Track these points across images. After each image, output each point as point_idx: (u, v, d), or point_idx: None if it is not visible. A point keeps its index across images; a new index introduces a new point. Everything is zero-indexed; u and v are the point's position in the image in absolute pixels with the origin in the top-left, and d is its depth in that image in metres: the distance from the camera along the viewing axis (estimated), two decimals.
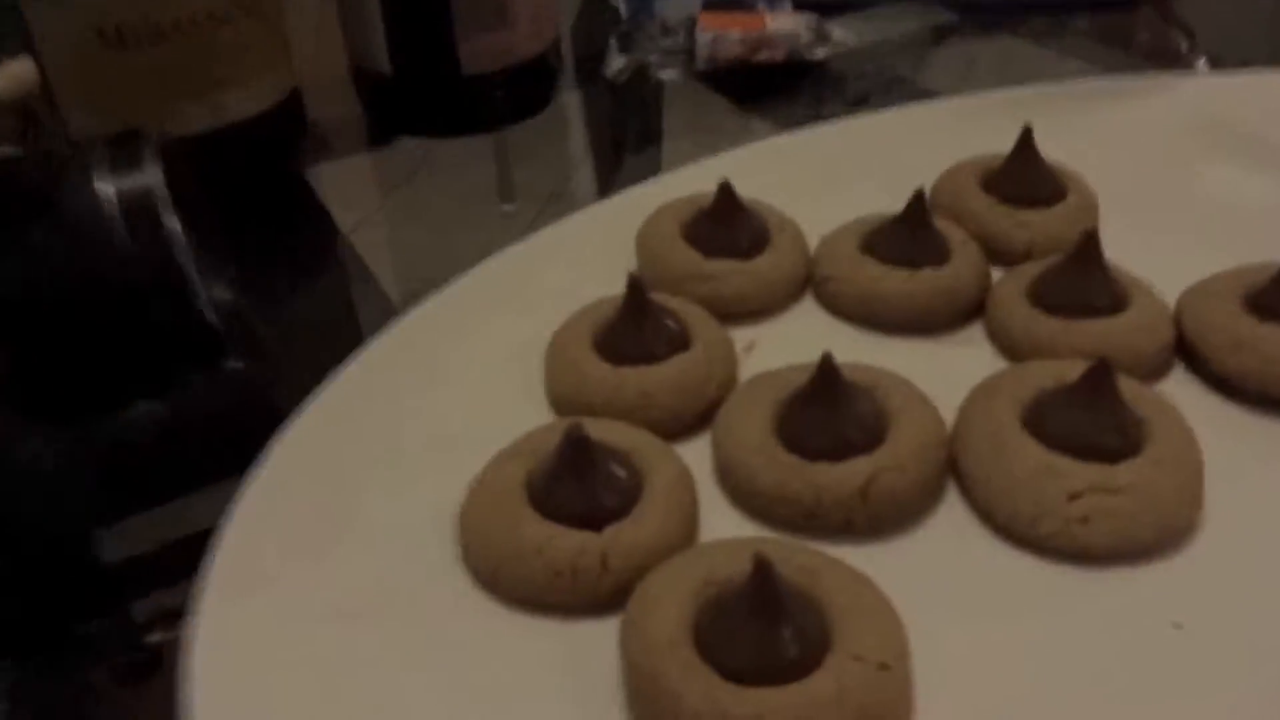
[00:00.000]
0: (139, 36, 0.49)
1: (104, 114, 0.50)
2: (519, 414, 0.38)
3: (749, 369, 0.39)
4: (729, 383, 0.39)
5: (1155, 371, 0.39)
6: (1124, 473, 0.33)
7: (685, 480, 0.34)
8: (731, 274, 0.42)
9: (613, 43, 0.65)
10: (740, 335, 0.41)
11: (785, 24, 0.63)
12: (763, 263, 0.43)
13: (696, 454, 0.36)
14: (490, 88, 0.59)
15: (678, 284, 0.42)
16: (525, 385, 0.40)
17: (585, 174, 0.57)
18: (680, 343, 0.39)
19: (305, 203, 0.55)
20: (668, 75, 0.64)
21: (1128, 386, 0.35)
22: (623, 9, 0.66)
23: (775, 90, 0.62)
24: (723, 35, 0.63)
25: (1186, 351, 0.39)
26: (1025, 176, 0.45)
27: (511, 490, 0.33)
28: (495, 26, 0.57)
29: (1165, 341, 0.39)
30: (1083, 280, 0.39)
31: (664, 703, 0.28)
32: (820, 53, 0.64)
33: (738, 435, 0.35)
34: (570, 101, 0.63)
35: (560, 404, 0.39)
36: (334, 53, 0.60)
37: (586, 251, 0.45)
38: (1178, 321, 0.39)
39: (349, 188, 0.57)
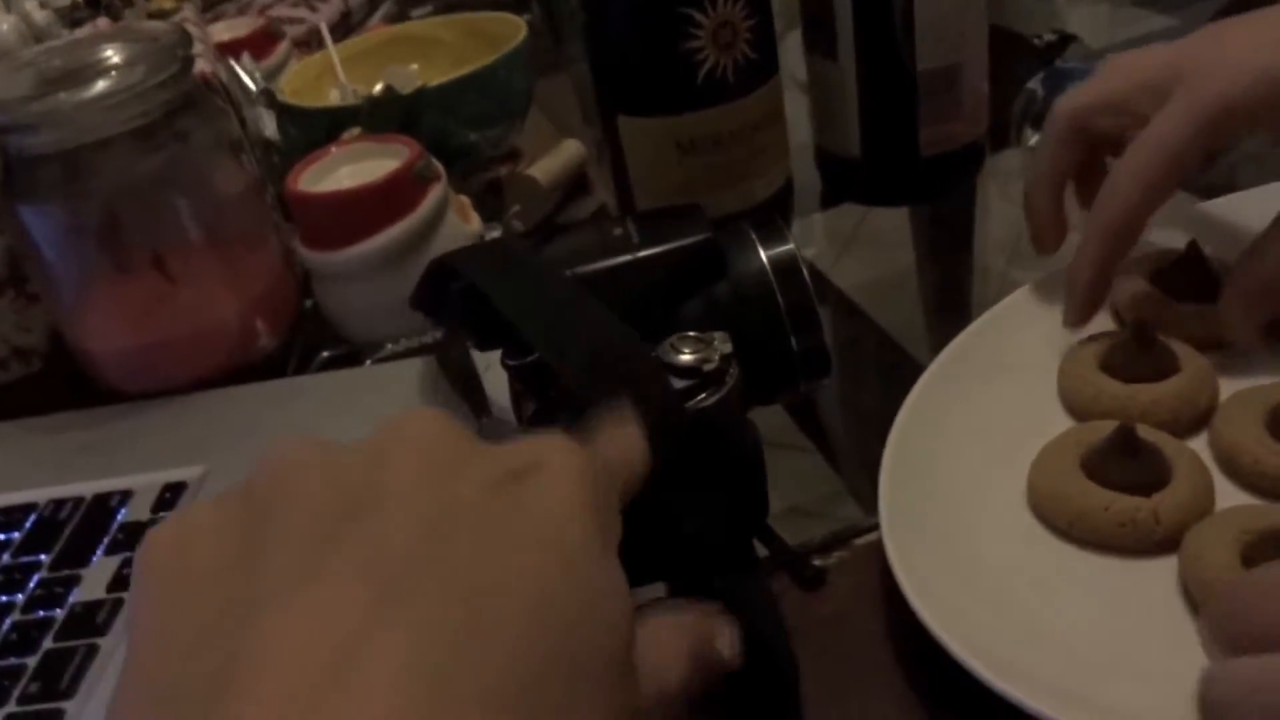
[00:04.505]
0: (705, 145, 0.66)
1: (664, 197, 0.68)
2: (1040, 414, 0.51)
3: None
4: (1214, 397, 0.50)
5: None
6: None
7: (1200, 462, 0.46)
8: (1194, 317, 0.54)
9: (1028, 129, 0.77)
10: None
11: None
12: None
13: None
14: (941, 167, 0.73)
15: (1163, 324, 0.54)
16: (1041, 394, 0.53)
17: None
18: (1173, 367, 0.51)
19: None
20: None
21: None
22: (1039, 91, 0.78)
23: None
24: None
25: None
26: None
27: (1071, 467, 0.47)
28: (950, 119, 0.71)
29: None
30: None
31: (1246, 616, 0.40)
32: None
33: (1236, 430, 0.47)
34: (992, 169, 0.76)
35: (1076, 409, 0.51)
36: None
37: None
38: None
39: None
